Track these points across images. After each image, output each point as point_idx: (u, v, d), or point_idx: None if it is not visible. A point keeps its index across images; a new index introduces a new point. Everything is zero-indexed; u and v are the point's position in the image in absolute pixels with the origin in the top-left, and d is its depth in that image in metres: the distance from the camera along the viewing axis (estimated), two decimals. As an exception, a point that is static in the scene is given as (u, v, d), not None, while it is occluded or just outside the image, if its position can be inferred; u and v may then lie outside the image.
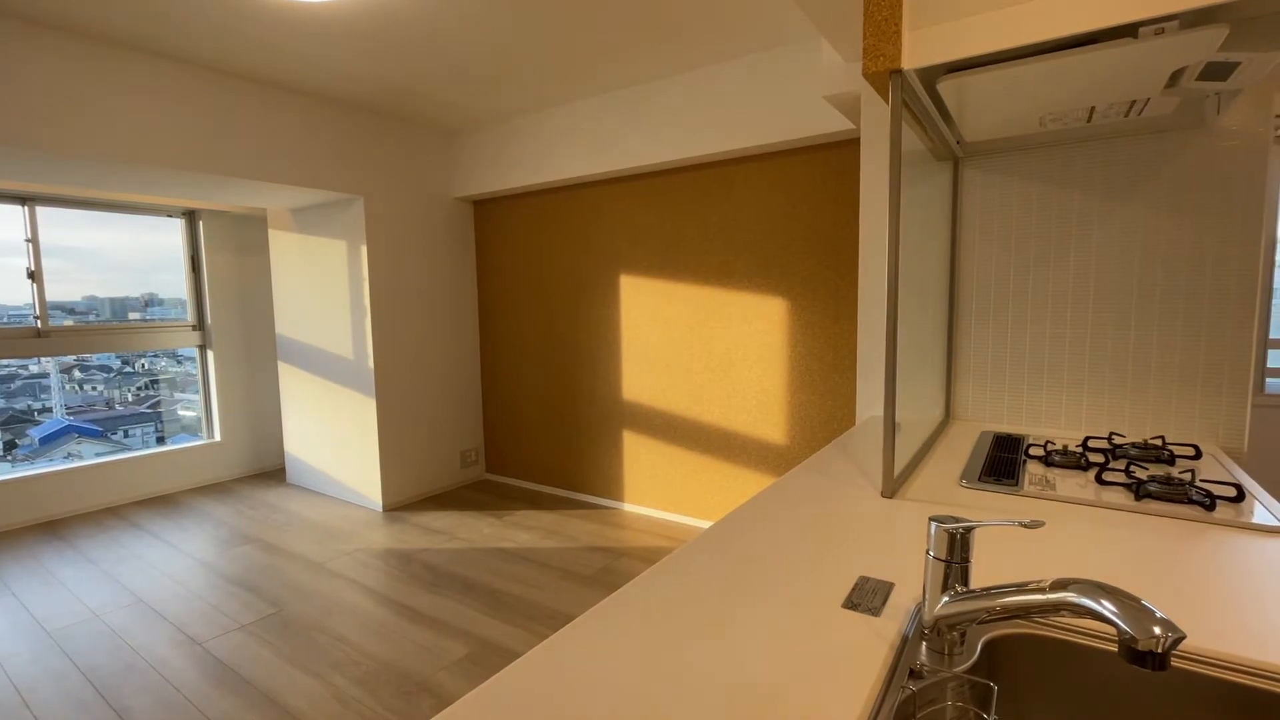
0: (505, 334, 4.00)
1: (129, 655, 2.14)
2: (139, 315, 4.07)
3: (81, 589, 2.66)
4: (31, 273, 3.54)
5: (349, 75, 2.87)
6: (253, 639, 2.24)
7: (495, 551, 2.98)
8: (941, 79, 1.19)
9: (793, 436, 2.92)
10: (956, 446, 1.52)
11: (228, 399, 4.29)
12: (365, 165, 3.42)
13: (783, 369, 2.93)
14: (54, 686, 1.98)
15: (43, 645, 2.22)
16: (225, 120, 2.83)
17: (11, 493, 3.42)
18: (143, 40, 2.47)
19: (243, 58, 2.66)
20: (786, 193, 2.87)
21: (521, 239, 3.84)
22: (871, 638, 0.69)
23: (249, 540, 3.18)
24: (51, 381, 4.38)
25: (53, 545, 3.17)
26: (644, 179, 3.27)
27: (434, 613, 2.40)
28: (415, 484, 3.78)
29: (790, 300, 2.89)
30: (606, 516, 3.43)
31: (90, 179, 2.86)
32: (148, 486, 3.93)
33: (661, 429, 3.34)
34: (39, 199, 3.52)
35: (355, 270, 3.53)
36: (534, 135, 3.47)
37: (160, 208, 3.99)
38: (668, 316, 3.26)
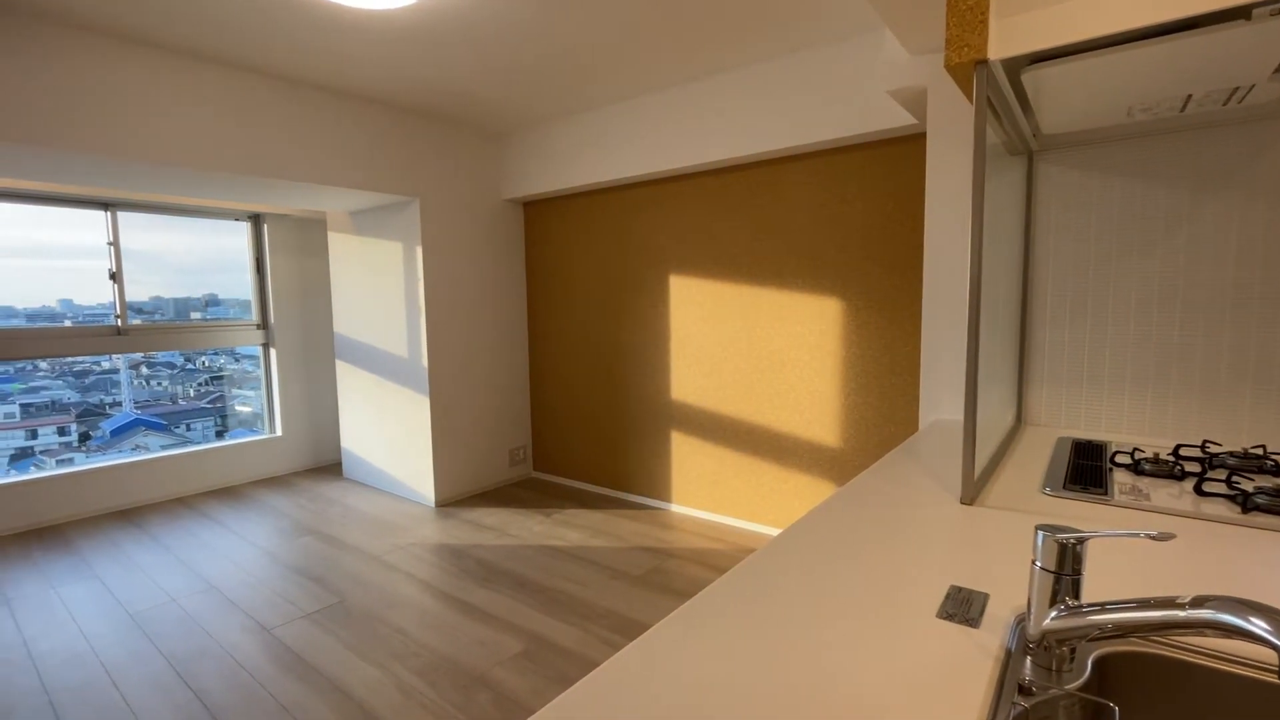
0: (553, 333, 4.04)
1: (204, 639, 2.25)
2: (199, 315, 4.26)
3: (158, 574, 2.80)
4: (113, 274, 3.75)
5: (407, 80, 2.95)
6: (317, 627, 2.32)
7: (545, 549, 3.01)
8: (1027, 69, 1.14)
9: (846, 439, 2.86)
10: (1032, 452, 1.46)
11: (288, 395, 4.46)
12: (420, 168, 3.50)
13: (835, 370, 2.87)
14: (138, 668, 2.09)
15: (126, 627, 2.35)
16: (291, 127, 2.94)
17: (92, 482, 3.63)
18: (217, 52, 2.59)
19: (309, 66, 2.76)
20: (838, 191, 2.81)
21: (569, 239, 3.87)
22: (973, 650, 0.66)
23: (309, 532, 3.30)
24: (122, 377, 4.62)
25: (130, 532, 3.35)
26: (693, 179, 3.26)
27: (488, 608, 2.44)
28: (466, 481, 3.85)
29: (843, 300, 2.83)
30: (654, 517, 3.43)
31: (167, 185, 3.01)
32: (214, 478, 4.12)
33: (710, 430, 3.32)
34: (119, 204, 3.73)
35: (410, 271, 3.62)
36: (582, 137, 3.49)
37: (228, 211, 4.18)
38: (717, 317, 3.24)
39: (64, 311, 3.79)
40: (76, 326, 3.68)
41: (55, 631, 2.32)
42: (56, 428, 4.23)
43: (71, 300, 3.79)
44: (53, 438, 4.21)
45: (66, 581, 2.75)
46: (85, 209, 3.65)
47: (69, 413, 4.29)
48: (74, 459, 4.03)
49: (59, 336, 3.58)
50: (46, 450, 4.15)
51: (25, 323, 3.62)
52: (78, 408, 4.29)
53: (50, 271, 3.65)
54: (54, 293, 3.69)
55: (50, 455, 4.15)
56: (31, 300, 3.63)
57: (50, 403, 4.24)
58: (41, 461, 4.07)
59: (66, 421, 4.28)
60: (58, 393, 4.28)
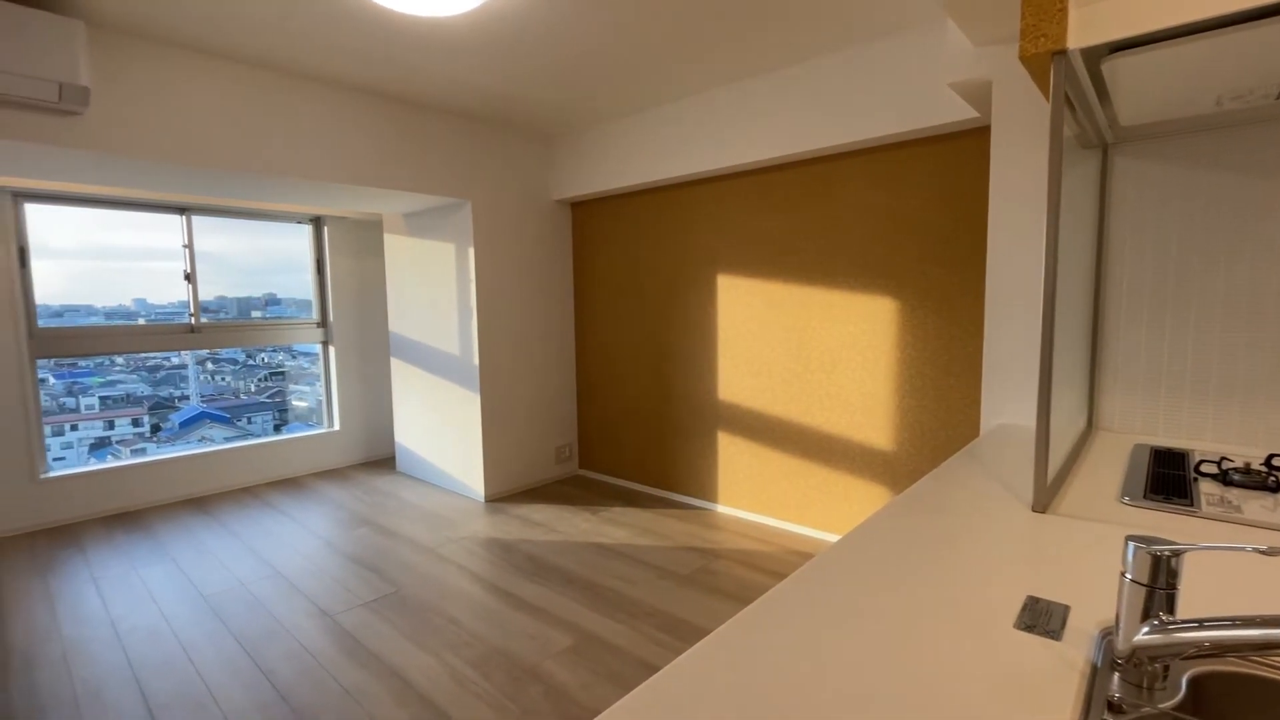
0: (600, 333, 4.08)
1: (271, 623, 2.36)
2: (259, 313, 4.46)
3: (228, 559, 2.96)
4: (188, 275, 3.97)
5: (461, 86, 3.02)
6: (375, 615, 2.40)
7: (592, 546, 3.04)
8: (1107, 58, 1.09)
9: (900, 442, 2.79)
10: (1106, 460, 1.39)
11: (345, 391, 4.63)
12: (472, 171, 3.58)
13: (888, 372, 2.81)
14: (212, 647, 2.21)
15: (200, 608, 2.48)
16: (350, 133, 3.05)
17: (168, 471, 3.86)
18: (285, 63, 2.71)
19: (371, 75, 2.86)
20: (893, 188, 2.75)
21: (617, 239, 3.89)
22: (1057, 664, 0.64)
23: (366, 523, 3.42)
24: (189, 372, 4.88)
25: (201, 519, 3.54)
26: (742, 177, 3.23)
27: (538, 602, 2.48)
28: (514, 477, 3.92)
29: (898, 301, 2.76)
30: (700, 517, 3.42)
31: (238, 190, 3.17)
32: (276, 469, 4.31)
33: (758, 431, 3.29)
34: (194, 209, 3.94)
35: (462, 271, 3.71)
36: (631, 137, 3.51)
37: (291, 214, 4.37)
38: (766, 317, 3.21)
39: (138, 310, 4.02)
40: (154, 324, 3.90)
41: (137, 610, 2.47)
42: (131, 419, 4.51)
43: (145, 299, 4.01)
44: (128, 428, 4.48)
45: (146, 564, 2.93)
46: (163, 213, 3.87)
47: (142, 405, 4.56)
48: (146, 449, 4.29)
49: (138, 333, 3.81)
50: (122, 440, 4.43)
51: (104, 320, 3.87)
52: (150, 400, 4.55)
53: (126, 272, 3.89)
54: (129, 292, 3.93)
55: (125, 445, 4.42)
56: (109, 299, 3.87)
57: (125, 396, 4.51)
58: (118, 450, 4.35)
59: (140, 414, 4.55)
60: (132, 386, 4.56)
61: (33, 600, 2.58)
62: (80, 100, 2.19)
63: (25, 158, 2.45)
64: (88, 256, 3.72)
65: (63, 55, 2.11)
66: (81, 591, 2.65)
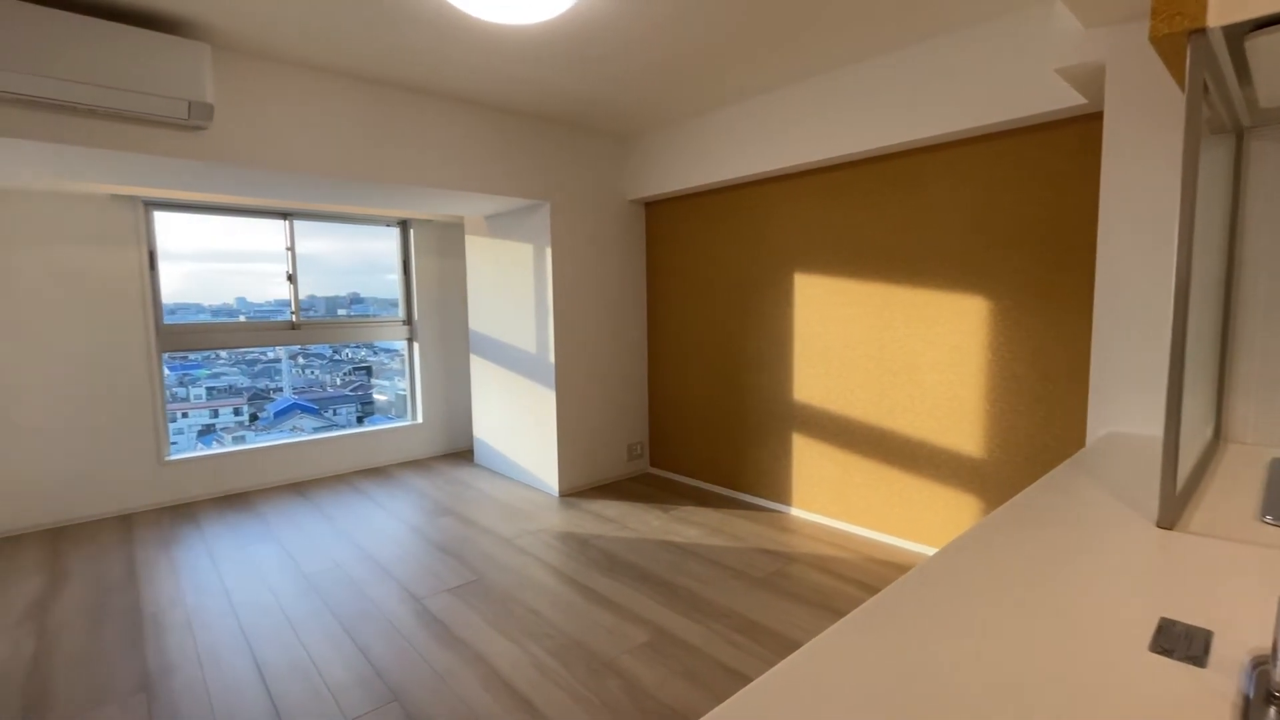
0: (672, 332, 4.09)
1: (365, 603, 2.51)
2: (344, 311, 4.74)
3: (325, 541, 3.16)
4: (290, 275, 4.27)
5: (546, 90, 3.10)
6: (460, 601, 2.51)
7: (665, 544, 3.05)
8: (1251, 36, 1.00)
9: (991, 450, 2.65)
10: (1240, 474, 1.28)
11: (428, 386, 4.85)
12: (551, 172, 3.67)
13: (979, 376, 2.67)
14: (312, 622, 2.37)
15: (302, 586, 2.67)
16: (446, 140, 3.19)
17: (270, 458, 4.16)
18: (386, 75, 2.87)
19: (463, 83, 2.98)
20: (986, 181, 2.61)
21: (691, 238, 3.89)
22: (1203, 693, 0.60)
23: (448, 512, 3.57)
24: (283, 366, 5.26)
25: (300, 503, 3.81)
26: (822, 174, 3.16)
27: (613, 597, 2.52)
28: (587, 473, 3.99)
29: (990, 300, 2.62)
30: (773, 519, 3.37)
31: (340, 196, 3.38)
32: (365, 458, 4.57)
33: (834, 433, 3.21)
34: (296, 214, 4.24)
35: (540, 271, 3.81)
36: (707, 136, 3.49)
37: (381, 218, 4.62)
38: (845, 317, 3.12)
39: (239, 308, 4.37)
40: (259, 320, 4.22)
41: (248, 585, 2.69)
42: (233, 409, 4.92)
43: (245, 298, 4.35)
44: (229, 417, 4.89)
45: (254, 542, 3.17)
46: (269, 219, 4.18)
47: (242, 396, 4.96)
48: (245, 436, 4.66)
49: (246, 329, 4.13)
50: (225, 428, 4.84)
51: (210, 317, 4.23)
52: (248, 392, 4.95)
53: (230, 274, 4.23)
54: (232, 292, 4.27)
55: (228, 432, 4.83)
56: (215, 298, 4.23)
57: (228, 387, 4.92)
58: (221, 437, 4.76)
59: (240, 403, 4.95)
60: (234, 378, 4.97)
61: (160, 571, 2.85)
62: (205, 116, 2.40)
63: (155, 169, 2.70)
64: (199, 259, 4.07)
65: (191, 76, 2.31)
66: (200, 565, 2.91)
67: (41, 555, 3.05)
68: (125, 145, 2.39)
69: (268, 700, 1.91)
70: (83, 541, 3.22)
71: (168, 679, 2.03)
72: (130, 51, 2.18)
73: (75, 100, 2.16)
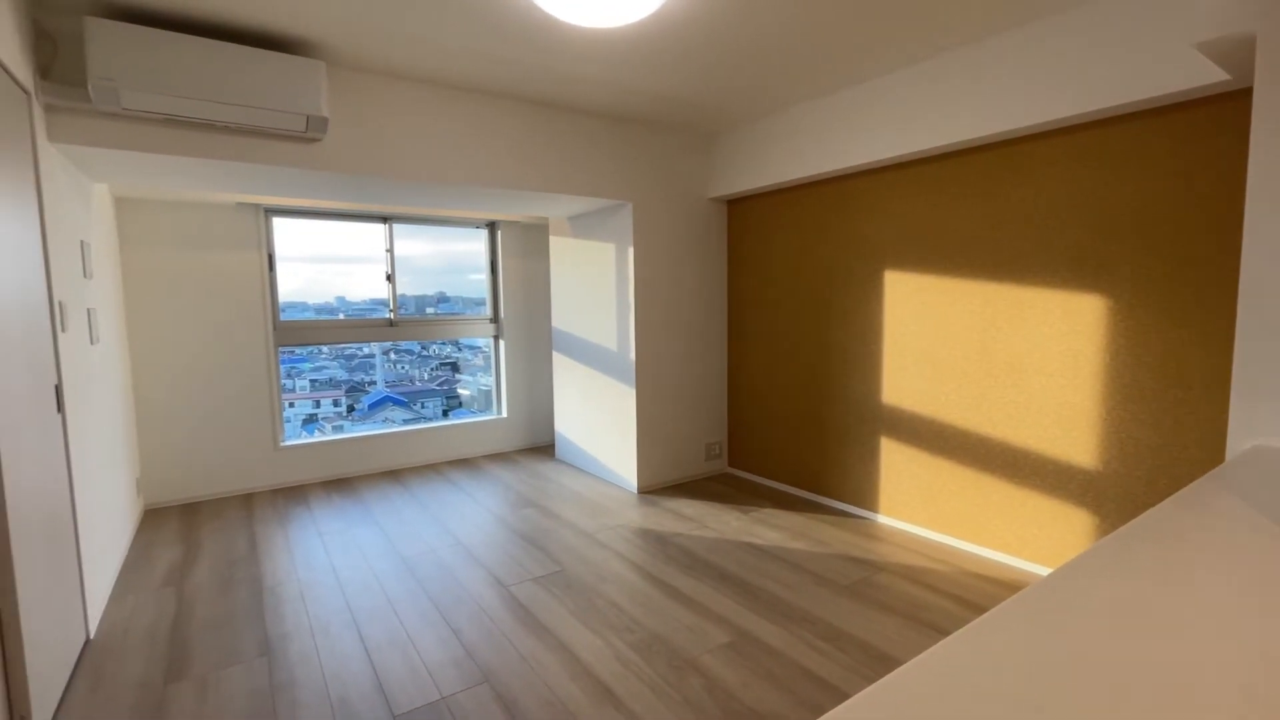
0: (753, 331, 4.03)
1: (457, 588, 2.63)
2: (432, 310, 4.98)
3: (420, 527, 3.35)
4: (388, 275, 4.54)
5: (629, 91, 3.14)
6: (544, 590, 2.59)
7: (745, 545, 3.02)
8: None
9: (1107, 462, 2.45)
10: None
11: (512, 382, 5.03)
12: (633, 173, 3.71)
13: (1094, 380, 2.47)
14: (409, 602, 2.52)
15: (400, 568, 2.84)
16: (536, 143, 3.30)
17: (370, 446, 4.45)
18: (482, 83, 2.99)
19: (542, 87, 3.07)
20: (1105, 170, 2.40)
21: (774, 235, 3.82)
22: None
23: (531, 504, 3.69)
24: (376, 361, 5.60)
25: (397, 489, 4.05)
26: (917, 165, 3.01)
27: (694, 595, 2.52)
28: (665, 471, 4.01)
29: (1108, 299, 2.42)
30: (858, 525, 3.26)
31: (436, 200, 3.57)
32: (454, 450, 4.79)
33: (927, 438, 3.06)
34: (395, 218, 4.50)
35: (622, 270, 3.86)
36: (793, 131, 3.42)
37: (471, 220, 4.83)
38: (940, 315, 2.97)
39: (338, 306, 4.68)
40: (359, 318, 4.52)
41: (353, 564, 2.89)
42: (333, 400, 5.30)
43: (344, 297, 4.66)
44: (329, 408, 5.28)
45: (357, 524, 3.40)
46: (370, 223, 4.46)
47: (340, 388, 5.33)
48: (343, 426, 5.01)
49: (348, 326, 4.44)
50: (326, 418, 5.22)
51: (314, 315, 4.55)
52: (346, 385, 5.32)
53: (333, 274, 4.54)
54: (333, 291, 4.59)
55: (328, 422, 5.20)
56: (319, 297, 4.56)
57: (329, 380, 5.31)
58: (322, 426, 5.13)
59: (339, 395, 5.33)
60: (334, 372, 5.36)
61: (276, 547, 3.11)
62: (321, 129, 2.59)
63: (275, 178, 2.95)
64: (306, 260, 4.40)
65: (309, 92, 2.51)
66: (310, 543, 3.15)
67: (180, 527, 3.40)
68: (252, 157, 2.62)
69: (371, 672, 2.05)
70: (212, 517, 3.57)
71: (285, 645, 2.21)
72: (259, 72, 2.39)
73: (213, 118, 2.39)
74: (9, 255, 1.78)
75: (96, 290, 2.85)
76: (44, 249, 2.11)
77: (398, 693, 1.94)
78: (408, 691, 1.95)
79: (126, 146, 2.39)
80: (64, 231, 2.36)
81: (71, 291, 2.41)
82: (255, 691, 1.97)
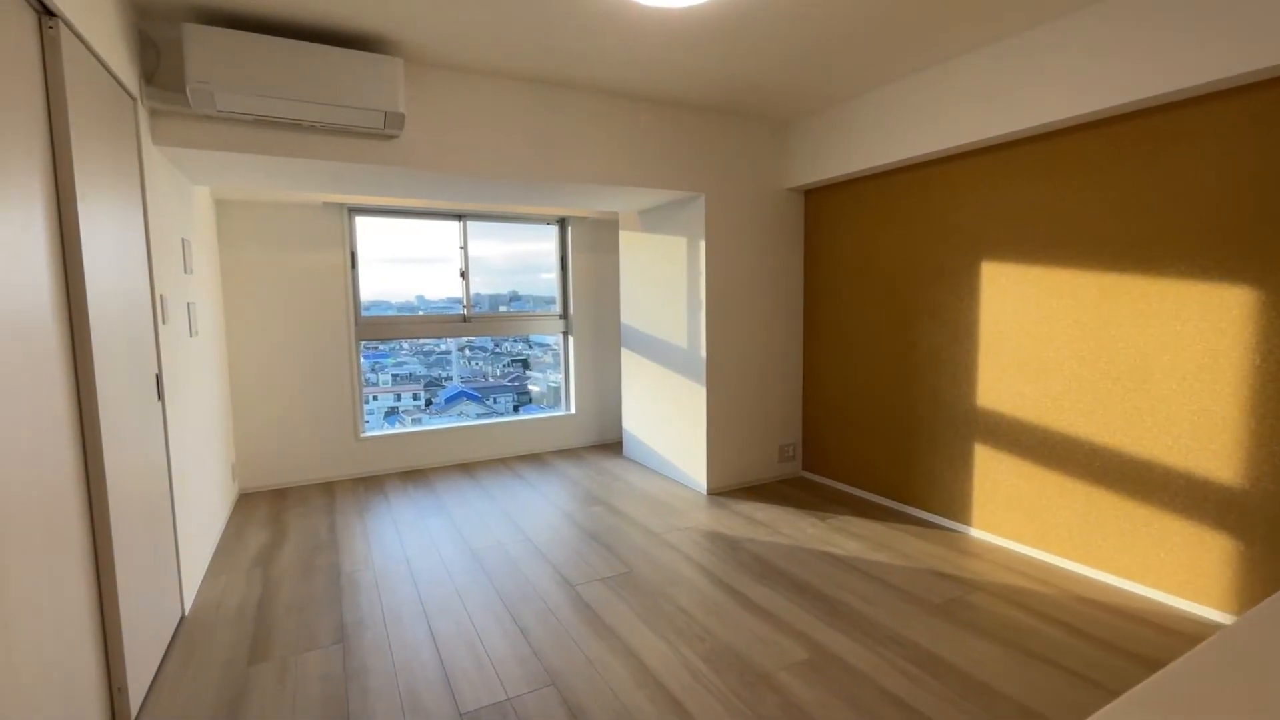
0: (830, 327, 3.82)
1: (525, 584, 2.61)
2: (504, 307, 5.05)
3: (489, 521, 3.37)
4: (462, 272, 4.63)
5: (701, 78, 3.02)
6: (611, 592, 2.52)
7: (823, 555, 2.84)
8: None
9: (1257, 479, 2.12)
10: None
11: (581, 379, 5.02)
12: (706, 164, 3.59)
13: (1240, 384, 2.14)
14: (479, 596, 2.51)
15: (469, 561, 2.85)
16: (607, 135, 3.25)
17: (443, 440, 4.54)
18: (541, 73, 2.96)
19: (611, 74, 3.00)
20: (1257, 142, 2.08)
21: (855, 226, 3.60)
22: None
23: (598, 502, 3.64)
24: (452, 357, 5.77)
25: (468, 482, 4.11)
26: (1019, 146, 2.74)
27: (768, 606, 2.38)
28: (736, 472, 3.87)
29: (1258, 291, 2.09)
30: (947, 539, 3.01)
31: (508, 196, 3.58)
32: (523, 445, 4.83)
33: (1030, 447, 2.78)
34: (469, 215, 4.58)
35: (694, 264, 3.74)
36: (876, 114, 3.19)
37: (542, 217, 4.84)
38: (1048, 311, 2.68)
39: (418, 304, 4.81)
40: (435, 315, 4.63)
41: (425, 555, 2.93)
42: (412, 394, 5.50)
43: (423, 295, 4.78)
44: (409, 401, 5.48)
45: (430, 515, 3.47)
46: (445, 220, 4.56)
47: (419, 383, 5.53)
48: (421, 419, 5.17)
49: (424, 322, 4.55)
50: (405, 411, 5.43)
51: (395, 311, 4.69)
52: (424, 379, 5.52)
53: (413, 273, 4.67)
54: (414, 289, 4.72)
55: (408, 415, 5.40)
56: (400, 295, 4.70)
57: (409, 374, 5.52)
58: (402, 418, 5.32)
59: (417, 389, 5.53)
60: (413, 367, 5.57)
61: (355, 535, 3.20)
62: (398, 125, 2.63)
63: (355, 176, 3.03)
64: (389, 262, 4.55)
65: (387, 89, 2.54)
66: (386, 532, 3.23)
67: (269, 511, 3.58)
68: (333, 155, 2.69)
69: (440, 666, 2.04)
70: (298, 503, 3.74)
71: (359, 633, 2.25)
72: (340, 70, 2.45)
73: (298, 117, 2.47)
74: (116, 250, 1.88)
75: (196, 286, 3.02)
76: (147, 245, 2.24)
77: (465, 689, 1.92)
78: (475, 689, 1.92)
79: (221, 148, 2.51)
80: (166, 229, 2.50)
81: (172, 286, 2.55)
82: (329, 677, 2.00)
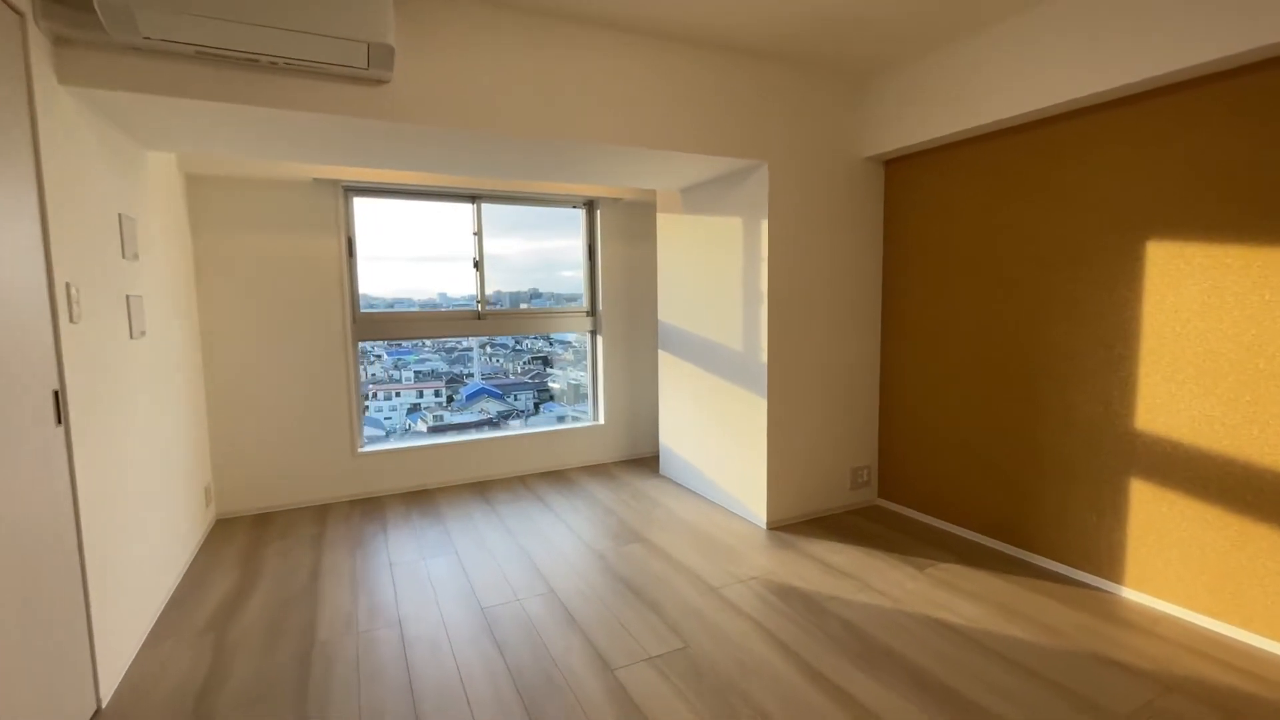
0: (917, 327, 3.14)
1: (548, 664, 1.99)
2: (526, 306, 4.56)
3: (504, 562, 2.76)
4: (476, 263, 4.03)
5: (763, 17, 2.36)
6: (663, 680, 1.89)
7: (935, 624, 2.18)
8: None
9: None
10: None
11: (610, 383, 4.39)
12: (769, 125, 2.93)
13: None
14: (487, 683, 1.90)
15: (478, 625, 2.24)
16: (644, 88, 2.61)
17: (453, 455, 3.96)
18: (579, 10, 2.34)
19: (651, 8, 2.35)
20: None
21: (951, 202, 2.92)
22: None
23: (636, 538, 3.01)
24: (474, 354, 5.42)
25: (480, 507, 3.51)
26: (1206, 86, 2.04)
27: (880, 709, 1.73)
28: (800, 500, 3.21)
29: None
30: (1094, 602, 2.33)
31: (526, 168, 2.96)
32: (545, 461, 4.22)
33: (1220, 487, 2.08)
34: (483, 196, 3.97)
35: (751, 250, 3.09)
36: (982, 59, 2.51)
37: (567, 199, 4.22)
38: (1249, 306, 1.99)
39: (440, 302, 4.31)
40: (445, 311, 4.06)
41: (423, 615, 2.32)
42: (434, 390, 5.17)
43: (446, 293, 4.27)
44: (431, 398, 5.16)
45: (433, 554, 2.87)
46: (458, 202, 3.96)
47: (441, 380, 5.19)
48: (443, 415, 4.78)
49: (433, 319, 3.97)
50: (427, 408, 5.09)
51: (419, 309, 4.21)
52: (446, 376, 5.17)
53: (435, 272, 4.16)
54: (436, 288, 4.21)
55: (429, 411, 5.07)
56: (423, 294, 4.19)
57: (431, 371, 5.15)
58: (424, 414, 4.96)
59: (439, 386, 5.22)
60: (436, 364, 5.23)
61: (340, 581, 2.61)
62: (386, 63, 2.02)
63: (341, 138, 2.43)
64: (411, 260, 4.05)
65: (370, 13, 1.93)
66: (379, 578, 2.63)
67: (245, 544, 3.00)
68: (305, 105, 2.09)
69: (429, 812, 1.43)
70: (281, 533, 3.15)
71: (324, 745, 1.65)
72: (306, -16, 1.84)
73: (254, 50, 1.87)
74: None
75: (147, 276, 2.45)
76: (42, 219, 1.65)
77: None
78: None
79: (154, 90, 1.92)
80: (85, 200, 1.92)
81: (99, 275, 1.97)
82: (273, 828, 1.40)
